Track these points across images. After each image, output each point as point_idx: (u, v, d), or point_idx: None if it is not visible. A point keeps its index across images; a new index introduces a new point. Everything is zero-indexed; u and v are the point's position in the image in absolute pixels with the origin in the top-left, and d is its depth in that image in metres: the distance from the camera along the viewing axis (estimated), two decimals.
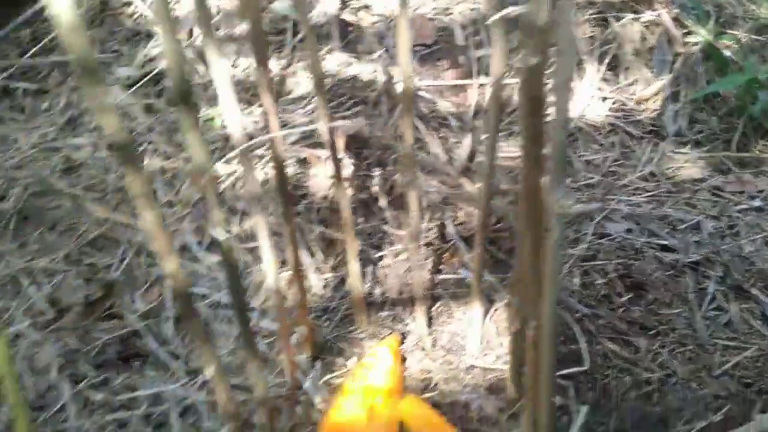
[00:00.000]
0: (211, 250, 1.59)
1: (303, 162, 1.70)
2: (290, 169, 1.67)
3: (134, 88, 1.97)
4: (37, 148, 1.87)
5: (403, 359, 1.42)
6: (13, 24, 2.21)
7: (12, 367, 0.82)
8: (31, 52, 2.15)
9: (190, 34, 2.05)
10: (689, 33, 2.05)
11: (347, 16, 2.07)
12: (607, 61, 2.02)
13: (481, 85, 1.93)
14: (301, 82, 1.93)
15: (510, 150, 1.82)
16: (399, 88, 1.84)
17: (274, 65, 1.95)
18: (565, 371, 1.34)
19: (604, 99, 1.97)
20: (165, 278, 1.52)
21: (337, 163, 1.26)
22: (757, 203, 1.72)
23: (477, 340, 1.41)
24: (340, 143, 1.63)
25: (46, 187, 1.74)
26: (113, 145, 0.70)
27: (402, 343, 1.45)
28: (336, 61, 1.95)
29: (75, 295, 1.52)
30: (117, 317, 1.48)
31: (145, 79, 1.98)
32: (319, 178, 1.61)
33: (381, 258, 1.58)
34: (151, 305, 1.49)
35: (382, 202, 1.60)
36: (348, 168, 1.63)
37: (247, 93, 1.90)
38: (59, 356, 1.42)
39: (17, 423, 0.88)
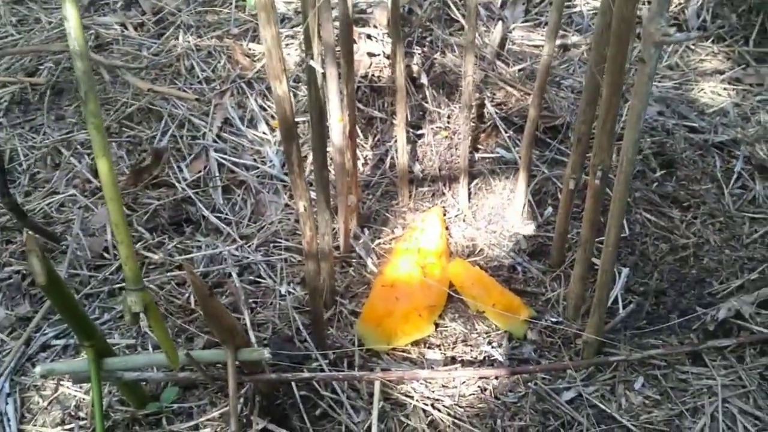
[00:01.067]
0: (253, 125, 1.60)
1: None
2: None
3: None
4: (61, 27, 1.83)
5: (446, 229, 1.48)
6: None
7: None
8: None
9: None
10: None
11: None
12: None
13: None
14: None
15: (539, 39, 1.85)
16: None
17: None
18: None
19: None
20: (209, 148, 1.54)
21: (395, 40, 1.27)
22: None
23: (519, 210, 1.47)
24: (383, 20, 1.64)
25: None
26: None
27: (444, 215, 1.50)
28: None
29: (119, 164, 1.53)
30: (165, 185, 1.50)
31: None
32: (359, 55, 1.62)
33: (421, 136, 1.61)
34: (199, 174, 1.51)
35: (423, 79, 1.61)
36: (387, 45, 1.64)
37: None
38: None
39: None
